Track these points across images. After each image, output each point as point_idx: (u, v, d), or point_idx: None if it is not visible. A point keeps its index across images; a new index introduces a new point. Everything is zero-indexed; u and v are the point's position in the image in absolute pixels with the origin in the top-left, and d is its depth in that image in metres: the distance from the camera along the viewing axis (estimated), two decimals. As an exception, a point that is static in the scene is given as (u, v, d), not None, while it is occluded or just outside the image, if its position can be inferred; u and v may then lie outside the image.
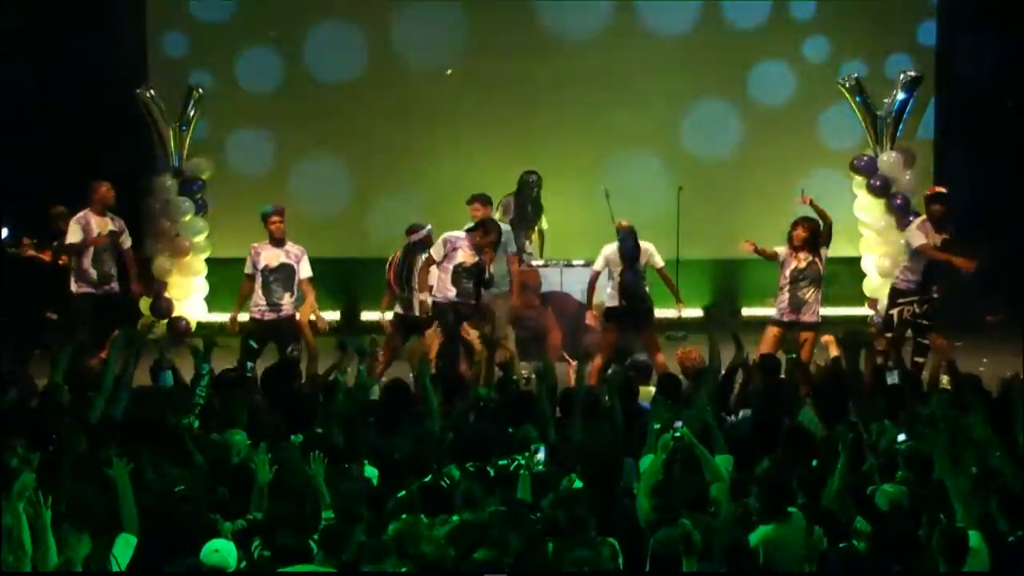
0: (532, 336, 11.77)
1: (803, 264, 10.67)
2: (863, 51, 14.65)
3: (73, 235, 10.93)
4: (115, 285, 11.11)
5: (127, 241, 11.29)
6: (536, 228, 12.86)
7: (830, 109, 14.73)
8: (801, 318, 10.62)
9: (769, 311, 11.15)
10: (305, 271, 10.79)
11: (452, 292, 10.65)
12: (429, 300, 10.60)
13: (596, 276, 11.09)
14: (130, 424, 7.47)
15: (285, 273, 10.69)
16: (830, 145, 14.77)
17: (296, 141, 14.75)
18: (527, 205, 12.81)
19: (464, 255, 10.63)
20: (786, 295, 10.69)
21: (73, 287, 10.96)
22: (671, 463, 6.56)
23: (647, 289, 10.97)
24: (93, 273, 10.93)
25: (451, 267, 10.63)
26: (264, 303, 10.64)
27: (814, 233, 10.67)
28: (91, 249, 10.93)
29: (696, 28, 14.88)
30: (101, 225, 11.03)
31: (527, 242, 12.70)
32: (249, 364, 9.48)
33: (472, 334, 10.69)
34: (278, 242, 10.76)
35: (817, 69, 14.70)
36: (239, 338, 10.31)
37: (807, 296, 10.66)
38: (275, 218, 10.77)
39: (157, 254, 14.03)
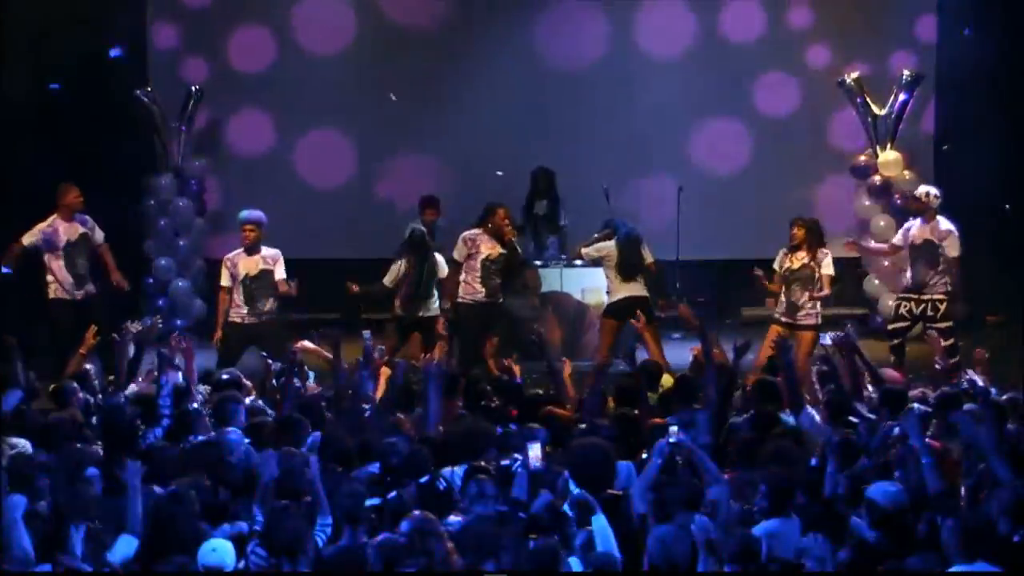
0: (533, 338, 11.75)
1: (796, 265, 10.64)
2: (864, 52, 14.64)
3: (40, 245, 10.82)
4: (91, 287, 11.03)
5: (99, 235, 11.15)
6: (558, 225, 12.84)
7: (840, 114, 14.77)
8: (798, 320, 10.59)
9: (769, 311, 11.14)
10: (280, 274, 10.81)
11: (481, 292, 10.75)
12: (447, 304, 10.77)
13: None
14: (104, 433, 7.49)
15: (266, 279, 10.72)
16: (842, 149, 14.81)
17: (295, 117, 14.82)
18: (540, 201, 12.78)
19: (487, 247, 10.74)
20: (782, 297, 10.69)
21: (50, 293, 10.86)
22: (668, 467, 6.58)
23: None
24: (69, 278, 10.88)
25: (477, 264, 10.73)
26: (246, 310, 10.68)
27: (811, 232, 10.65)
28: (62, 253, 10.86)
29: (692, 48, 14.91)
30: (70, 231, 10.92)
31: (550, 238, 12.69)
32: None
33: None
34: (252, 249, 10.76)
35: (821, 75, 14.68)
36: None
37: (800, 299, 10.60)
38: (247, 226, 10.80)
39: (157, 254, 14.04)
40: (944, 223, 10.85)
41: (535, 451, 6.57)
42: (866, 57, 14.60)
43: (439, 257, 11.01)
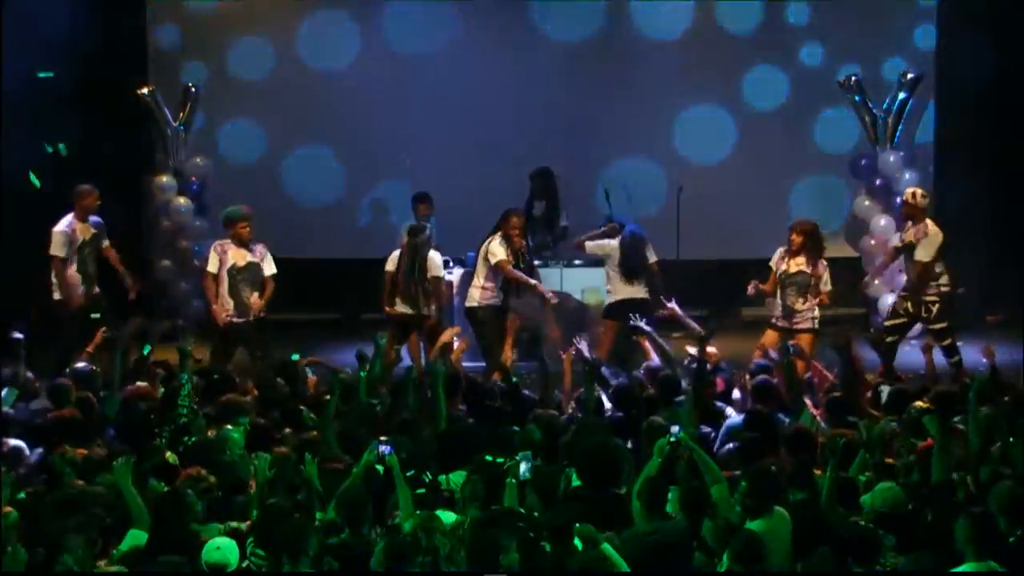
0: (532, 336, 11.76)
1: (792, 270, 10.59)
2: (859, 55, 14.62)
3: (60, 247, 10.78)
4: (97, 288, 11.01)
5: (105, 239, 11.16)
6: (558, 226, 12.84)
7: (826, 113, 14.74)
8: (794, 325, 10.55)
9: (768, 312, 11.10)
10: (269, 268, 10.84)
11: (498, 297, 10.75)
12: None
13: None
14: (118, 431, 7.51)
15: (252, 272, 10.74)
16: (826, 149, 14.79)
17: (288, 130, 14.76)
18: (538, 201, 12.80)
19: (504, 252, 10.71)
20: (777, 301, 10.64)
21: (56, 295, 10.81)
22: (669, 467, 6.59)
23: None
24: (78, 279, 10.86)
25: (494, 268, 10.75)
26: (231, 305, 10.66)
27: (810, 237, 10.61)
28: (75, 255, 10.85)
29: (688, 33, 14.86)
30: (84, 231, 10.92)
31: (549, 239, 12.70)
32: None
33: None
34: (243, 242, 10.79)
35: (812, 73, 14.69)
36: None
37: (796, 304, 10.56)
38: (244, 223, 10.78)
39: (157, 254, 14.04)
40: (930, 226, 10.79)
41: (525, 464, 6.59)
42: (866, 58, 14.59)
43: (436, 256, 10.94)
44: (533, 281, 10.88)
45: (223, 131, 14.79)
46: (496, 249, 10.82)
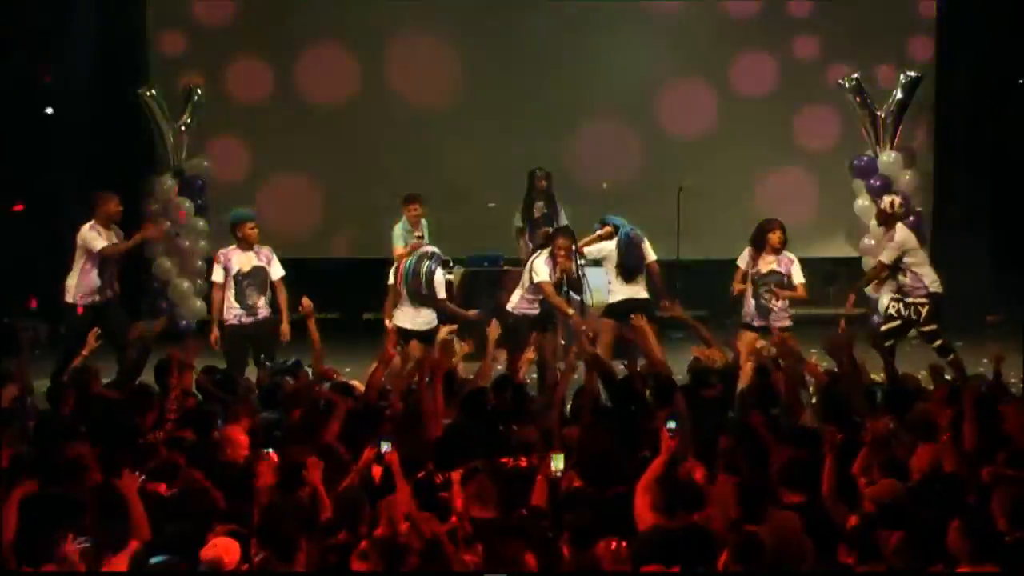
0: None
1: (765, 269, 10.56)
2: (852, 56, 14.64)
3: (98, 245, 10.68)
4: (110, 292, 10.94)
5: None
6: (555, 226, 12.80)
7: (809, 108, 14.87)
8: (772, 323, 10.53)
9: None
10: (277, 271, 10.73)
11: (537, 309, 10.70)
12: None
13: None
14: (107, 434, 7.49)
15: (259, 277, 10.62)
16: (803, 143, 14.94)
17: (278, 155, 14.82)
18: (538, 202, 12.78)
19: (547, 273, 10.63)
20: (751, 301, 10.61)
21: (68, 297, 10.74)
22: (672, 463, 6.59)
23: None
24: (96, 283, 10.80)
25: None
26: (239, 308, 10.58)
27: (784, 234, 10.63)
28: (97, 261, 10.73)
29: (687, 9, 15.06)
30: (108, 237, 10.83)
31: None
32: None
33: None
34: (247, 246, 10.71)
35: (803, 67, 14.83)
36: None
37: (771, 302, 10.52)
38: (252, 224, 10.70)
39: (157, 254, 14.05)
40: (897, 230, 10.75)
41: (558, 462, 6.58)
42: (867, 58, 14.61)
43: (439, 274, 10.85)
44: (570, 311, 10.65)
45: (215, 145, 14.81)
46: (540, 268, 10.65)
